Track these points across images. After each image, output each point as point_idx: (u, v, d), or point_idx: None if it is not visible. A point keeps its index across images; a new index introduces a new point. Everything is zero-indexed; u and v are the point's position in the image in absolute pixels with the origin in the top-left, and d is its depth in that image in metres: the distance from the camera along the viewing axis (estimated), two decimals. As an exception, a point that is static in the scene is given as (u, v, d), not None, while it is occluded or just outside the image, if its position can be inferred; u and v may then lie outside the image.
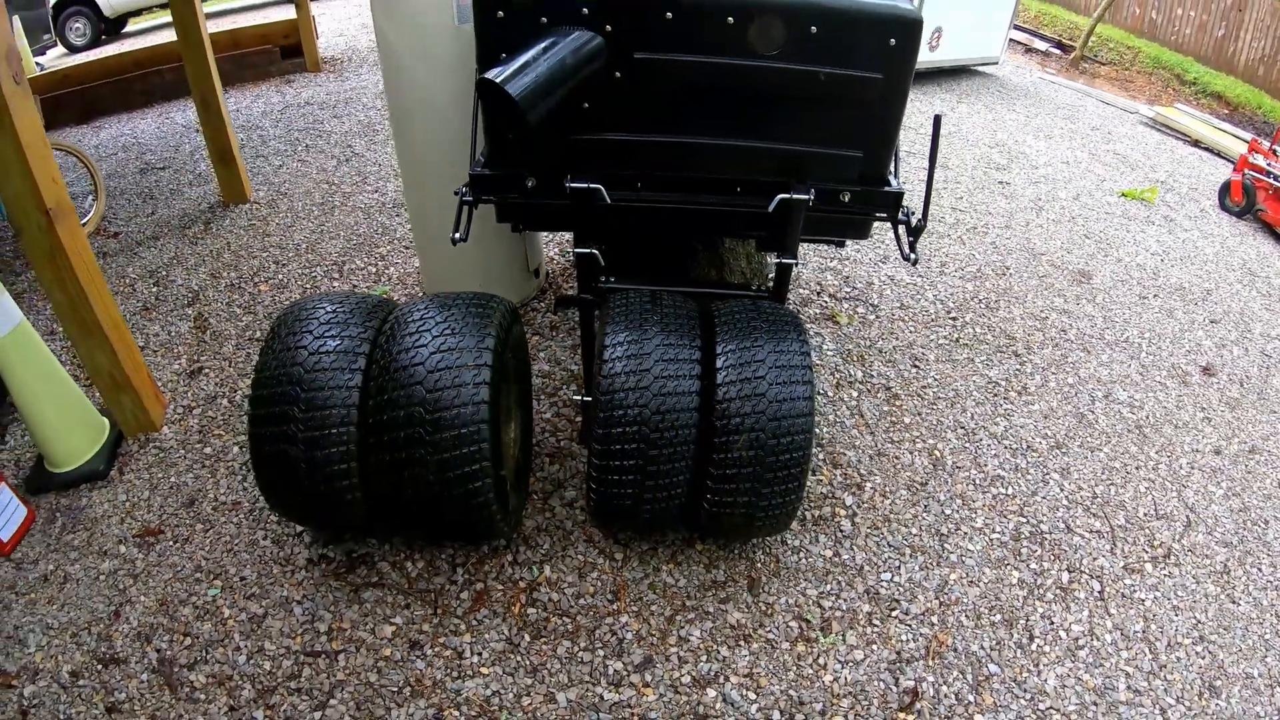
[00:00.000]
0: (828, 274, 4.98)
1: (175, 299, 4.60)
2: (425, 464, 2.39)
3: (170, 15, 13.10)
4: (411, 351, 2.42)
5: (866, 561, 3.04)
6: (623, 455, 2.42)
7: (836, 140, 2.70)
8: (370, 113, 7.49)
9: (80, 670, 2.62)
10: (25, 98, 2.87)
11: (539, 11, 2.45)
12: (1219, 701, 2.74)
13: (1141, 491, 3.57)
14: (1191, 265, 5.85)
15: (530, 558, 2.95)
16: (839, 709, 2.54)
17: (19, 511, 3.12)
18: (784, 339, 2.53)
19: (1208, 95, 12.23)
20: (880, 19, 2.51)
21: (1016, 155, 7.53)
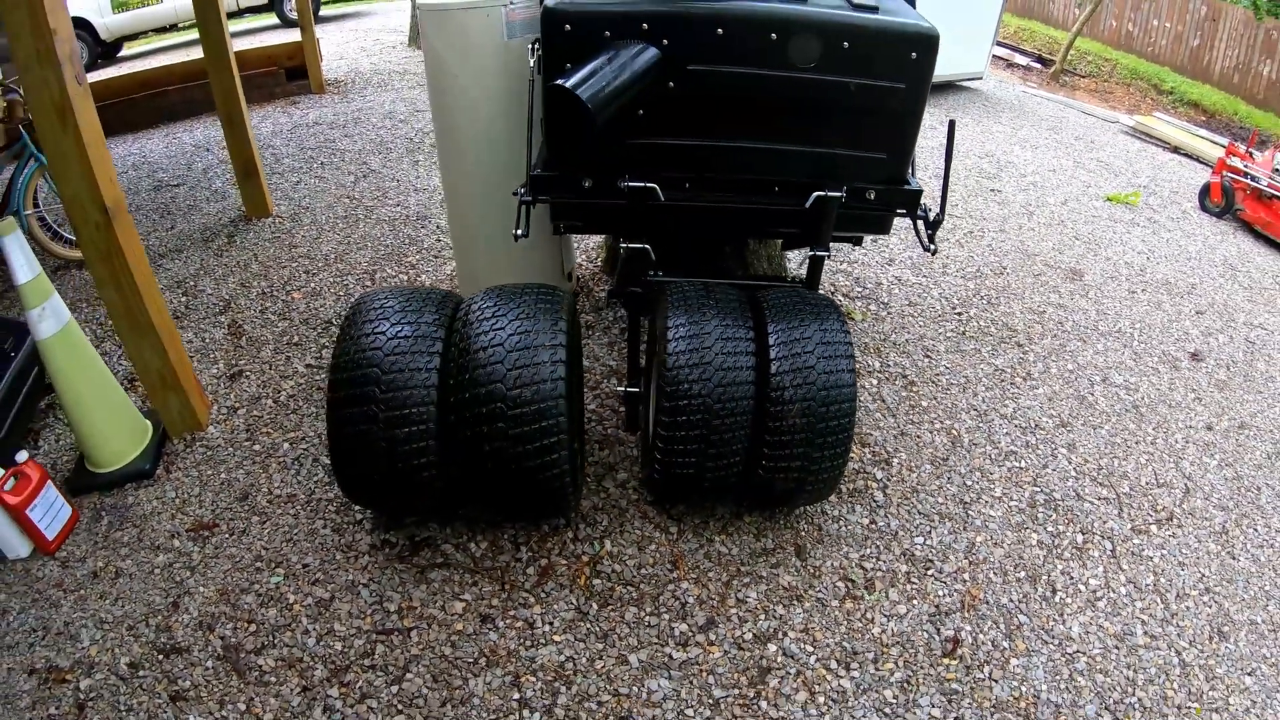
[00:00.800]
0: (839, 275, 5.24)
1: (206, 308, 4.76)
2: (506, 436, 2.59)
3: (166, 40, 13.22)
4: (491, 335, 2.62)
5: (900, 527, 3.27)
6: (688, 426, 2.65)
7: (864, 143, 2.96)
8: (381, 131, 7.69)
9: (139, 661, 2.69)
10: (86, 98, 2.98)
11: (602, 27, 2.70)
12: (1228, 644, 2.97)
13: (1142, 463, 3.83)
14: (1176, 262, 6.15)
15: (590, 534, 3.16)
16: (889, 656, 2.76)
17: (64, 511, 3.19)
18: (827, 320, 2.78)
19: (1185, 104, 12.65)
20: (903, 35, 2.78)
21: (1005, 164, 7.85)
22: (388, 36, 12.09)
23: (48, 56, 2.80)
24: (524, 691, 2.60)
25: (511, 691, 2.60)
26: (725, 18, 2.70)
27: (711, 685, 2.62)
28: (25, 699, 2.61)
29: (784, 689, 2.62)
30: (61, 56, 2.82)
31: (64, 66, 2.84)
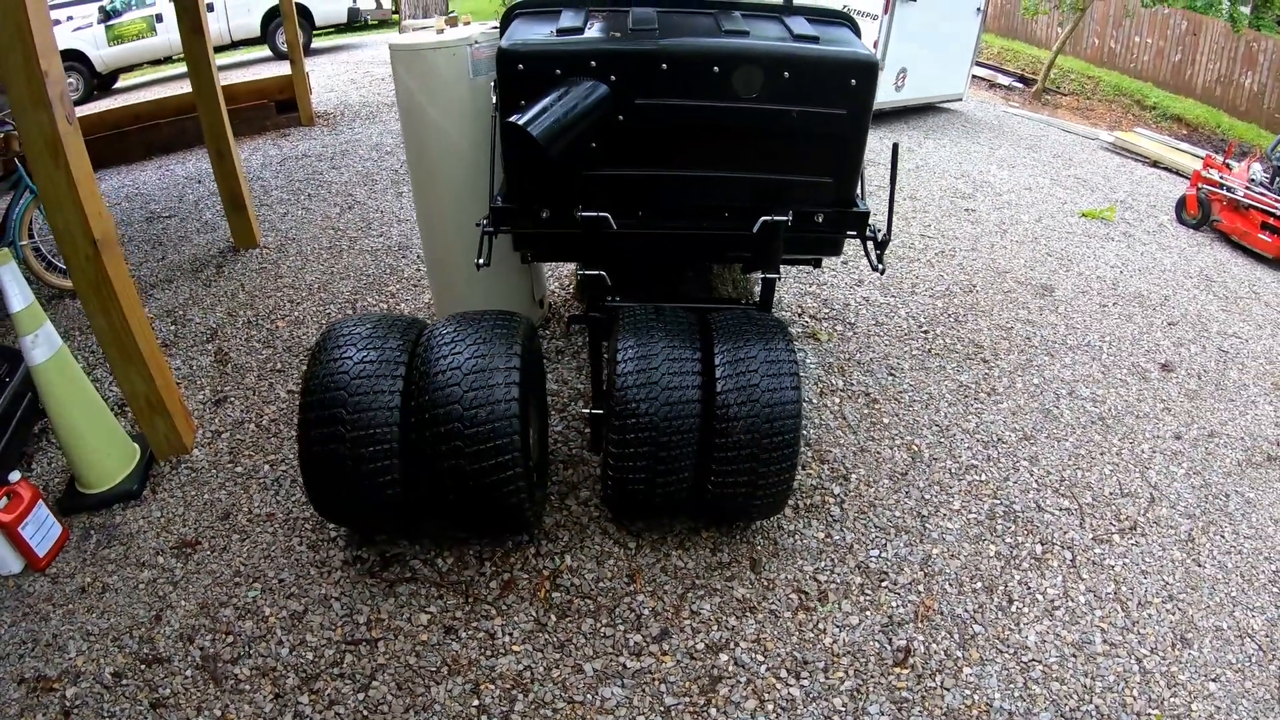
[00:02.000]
0: (807, 298, 5.35)
1: (194, 336, 4.89)
2: (463, 455, 2.70)
3: (160, 72, 13.38)
4: (449, 359, 2.75)
5: (856, 541, 3.36)
6: (637, 444, 2.76)
7: (810, 169, 3.08)
8: (367, 164, 7.84)
9: (123, 671, 2.81)
10: (76, 136, 3.10)
11: (554, 66, 2.84)
12: (1191, 651, 3.03)
13: (1107, 474, 3.91)
14: (1150, 275, 6.25)
15: (552, 549, 3.26)
16: (839, 665, 2.84)
17: (54, 529, 3.31)
18: (772, 341, 2.88)
19: (1168, 118, 12.78)
20: (841, 63, 2.91)
21: (981, 184, 7.96)
22: (377, 69, 12.28)
23: (40, 98, 2.93)
24: (483, 699, 2.69)
25: (471, 699, 2.69)
26: (670, 54, 2.83)
27: (663, 693, 2.71)
28: (14, 706, 2.73)
29: (734, 697, 2.70)
30: (53, 97, 2.95)
31: (55, 107, 2.96)
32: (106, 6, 13.27)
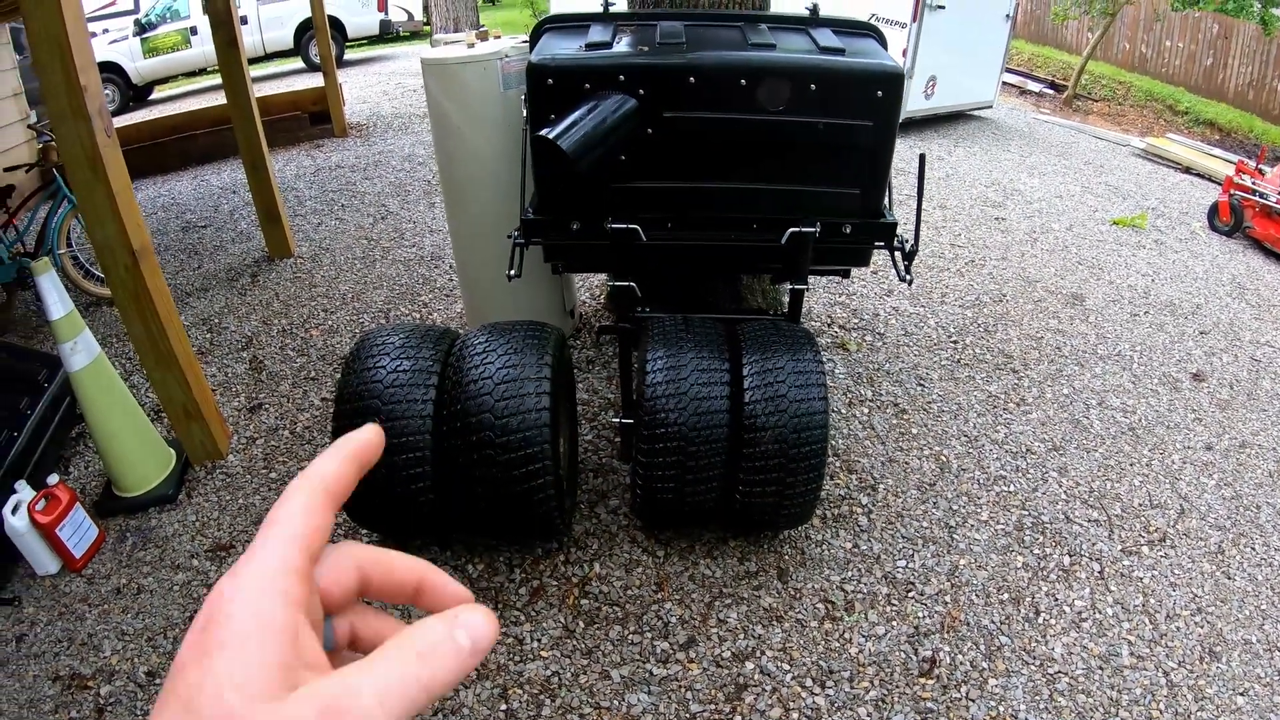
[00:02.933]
0: (837, 308, 5.36)
1: (229, 344, 5.00)
2: (495, 463, 2.74)
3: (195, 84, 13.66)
4: (481, 368, 2.80)
5: (883, 551, 3.37)
6: (666, 453, 2.79)
7: (837, 180, 3.09)
8: (400, 174, 7.94)
9: (157, 670, 2.89)
10: (115, 149, 3.20)
11: (583, 80, 2.88)
12: (1219, 665, 3.00)
13: (1136, 485, 3.88)
14: (1181, 283, 6.19)
15: (581, 557, 3.30)
16: (865, 675, 2.85)
17: (91, 531, 3.42)
18: (800, 351, 2.91)
19: (1200, 124, 12.64)
20: (868, 74, 2.93)
21: (1011, 192, 7.92)
22: (409, 80, 12.43)
23: (79, 111, 3.01)
24: (511, 703, 2.73)
25: (499, 703, 2.73)
26: (698, 67, 2.86)
27: (689, 700, 2.73)
28: (49, 703, 2.81)
29: (759, 705, 2.72)
30: (91, 111, 3.03)
31: (94, 120, 3.04)
32: (142, 19, 13.55)
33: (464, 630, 0.40)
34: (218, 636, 0.38)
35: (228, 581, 0.41)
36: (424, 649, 0.40)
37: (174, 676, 0.38)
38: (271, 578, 0.40)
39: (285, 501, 0.44)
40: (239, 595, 0.40)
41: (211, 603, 0.40)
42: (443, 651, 0.40)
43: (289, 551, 0.42)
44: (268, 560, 0.41)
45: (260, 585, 0.40)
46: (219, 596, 0.40)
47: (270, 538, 0.42)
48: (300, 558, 0.42)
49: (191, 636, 0.39)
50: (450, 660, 0.40)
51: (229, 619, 0.39)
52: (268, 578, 0.40)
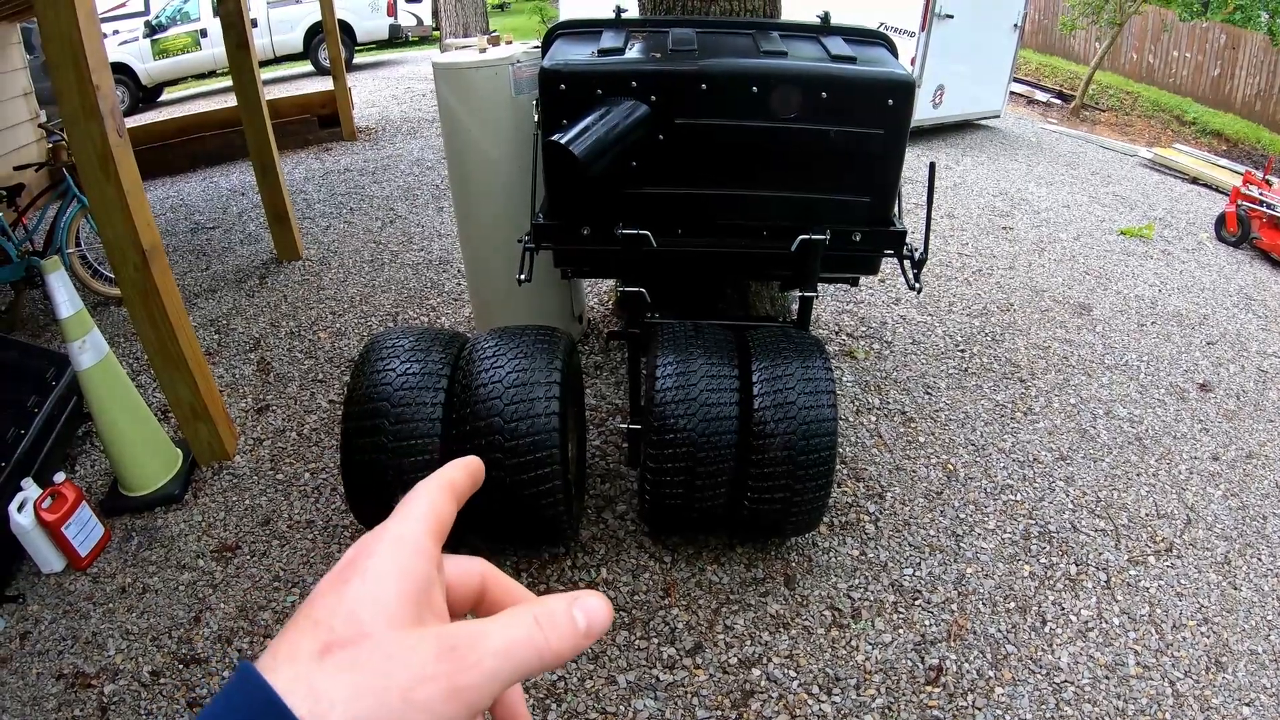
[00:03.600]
0: (845, 316, 5.37)
1: (237, 345, 5.01)
2: (503, 467, 2.75)
3: (204, 86, 13.73)
4: (491, 372, 2.81)
5: (890, 559, 3.37)
6: (674, 459, 2.79)
7: (847, 188, 3.10)
8: (408, 178, 7.96)
9: (161, 670, 2.90)
10: (126, 149, 3.22)
11: (595, 85, 2.89)
12: (1226, 675, 2.99)
13: (1143, 495, 3.88)
14: (1188, 294, 6.19)
15: (588, 562, 3.30)
16: (871, 683, 2.85)
17: (96, 530, 3.43)
18: (809, 359, 2.91)
19: (1207, 134, 12.64)
20: (879, 83, 2.94)
21: (1019, 202, 7.93)
22: (418, 85, 12.47)
23: (91, 111, 3.03)
24: (517, 709, 2.73)
25: (506, 709, 2.73)
26: (709, 74, 2.88)
27: (695, 706, 2.73)
28: (52, 701, 2.82)
29: (766, 711, 2.72)
30: (104, 110, 3.05)
31: (106, 120, 3.06)
32: (152, 21, 13.61)
33: (582, 611, 0.43)
34: (359, 567, 0.42)
35: (371, 534, 0.44)
36: (543, 618, 0.42)
37: (309, 602, 0.41)
38: (410, 535, 0.44)
39: (417, 491, 0.48)
40: (382, 542, 0.43)
41: (355, 548, 0.43)
42: (561, 624, 0.42)
43: (424, 524, 0.45)
44: (407, 524, 0.45)
45: (400, 537, 0.44)
46: (362, 543, 0.44)
47: (407, 512, 0.46)
48: (434, 529, 0.46)
49: (331, 574, 0.42)
50: (566, 634, 0.42)
51: (370, 557, 0.42)
52: (407, 536, 0.44)
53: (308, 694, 0.36)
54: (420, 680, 0.37)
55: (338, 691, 0.36)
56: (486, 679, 0.39)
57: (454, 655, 0.39)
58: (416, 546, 0.44)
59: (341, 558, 0.43)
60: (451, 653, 0.39)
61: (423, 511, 0.46)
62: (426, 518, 0.46)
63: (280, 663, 0.38)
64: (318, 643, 0.38)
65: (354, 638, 0.38)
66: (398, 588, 0.41)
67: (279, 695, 0.36)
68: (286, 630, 0.40)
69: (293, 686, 0.36)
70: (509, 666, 0.40)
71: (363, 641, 0.38)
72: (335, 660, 0.38)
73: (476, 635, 0.40)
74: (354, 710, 0.36)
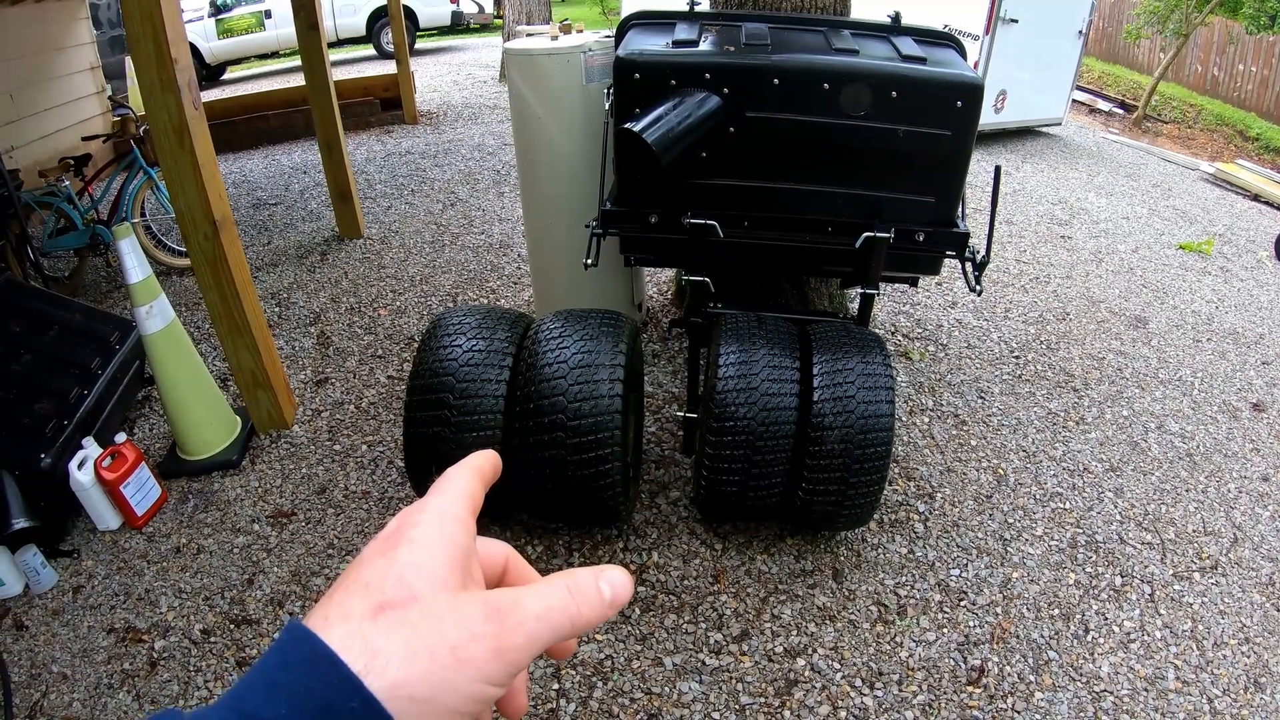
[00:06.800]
0: (901, 317, 5.37)
1: (298, 319, 5.13)
2: (564, 446, 2.81)
3: (267, 66, 13.97)
4: (557, 352, 2.87)
5: (938, 559, 3.38)
6: (733, 447, 2.84)
7: (912, 187, 3.12)
8: (469, 163, 8.05)
9: (212, 629, 3.01)
10: (201, 122, 3.32)
11: (669, 76, 2.94)
12: (1264, 696, 2.96)
13: (1191, 511, 3.84)
14: (1246, 312, 6.09)
15: (640, 545, 3.36)
16: (914, 679, 2.88)
17: (154, 490, 3.55)
18: (869, 355, 2.94)
19: (1271, 150, 12.37)
20: (949, 84, 2.96)
21: (1078, 211, 7.84)
22: (479, 71, 12.58)
23: (169, 84, 3.13)
24: (563, 683, 2.80)
25: (552, 682, 2.80)
26: (782, 69, 2.91)
27: (739, 692, 2.78)
28: (102, 654, 2.94)
29: (808, 701, 2.76)
30: (181, 84, 3.15)
31: (183, 93, 3.17)
32: (218, 1, 13.84)
33: (607, 583, 0.47)
34: (406, 535, 0.45)
35: (413, 507, 0.49)
36: (574, 588, 0.46)
37: (356, 567, 0.44)
38: (450, 508, 0.48)
39: (450, 474, 0.52)
40: (426, 513, 0.47)
41: (398, 519, 0.47)
42: (589, 593, 0.46)
43: (462, 500, 0.50)
44: (446, 499, 0.49)
45: (442, 510, 0.48)
46: (406, 514, 0.48)
47: (446, 489, 0.50)
48: (469, 504, 0.50)
49: (376, 542, 0.46)
50: (594, 602, 0.46)
51: (416, 527, 0.46)
52: (449, 509, 0.48)
53: (363, 649, 0.39)
54: (470, 639, 0.41)
55: (392, 647, 0.40)
56: (528, 640, 0.43)
57: (499, 616, 0.43)
58: (458, 518, 0.48)
59: (385, 528, 0.47)
60: (497, 614, 0.43)
61: (460, 490, 0.51)
62: (464, 495, 0.50)
63: (333, 622, 0.41)
64: (370, 603, 0.41)
65: (405, 599, 0.42)
66: (444, 554, 0.45)
67: (334, 650, 0.39)
68: (334, 593, 0.43)
69: (347, 644, 0.39)
70: (547, 630, 0.44)
71: (413, 603, 0.42)
72: (387, 619, 0.41)
73: (518, 600, 0.44)
74: (408, 664, 0.39)
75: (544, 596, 0.45)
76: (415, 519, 0.47)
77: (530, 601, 0.44)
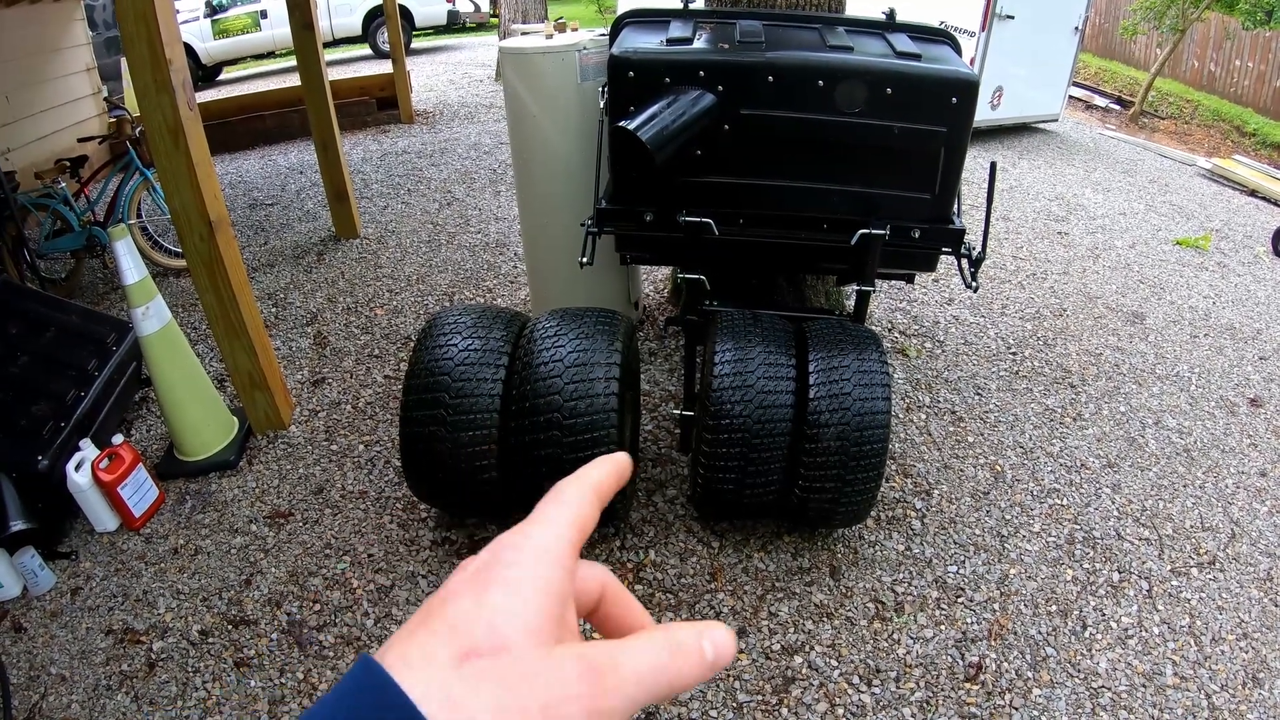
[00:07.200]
0: (898, 314, 5.37)
1: (294, 319, 5.13)
2: (560, 444, 2.82)
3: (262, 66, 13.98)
4: (552, 351, 2.87)
5: (935, 555, 3.38)
6: (729, 444, 2.84)
7: (908, 184, 3.12)
8: (465, 162, 8.05)
9: (210, 629, 3.01)
10: (196, 122, 3.32)
11: (663, 74, 2.94)
12: (1262, 691, 2.96)
13: (1188, 506, 3.84)
14: (1243, 307, 6.09)
15: (637, 543, 3.35)
16: (911, 676, 2.88)
17: (151, 492, 3.55)
18: (866, 352, 2.94)
19: (1268, 146, 12.35)
20: (943, 81, 2.95)
21: (1075, 207, 7.84)
22: (476, 71, 12.58)
23: (164, 85, 3.13)
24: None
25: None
26: (776, 66, 2.91)
27: (737, 690, 2.77)
28: (100, 655, 2.94)
29: (805, 699, 2.76)
30: (176, 85, 3.15)
31: (178, 93, 3.16)
32: (213, 1, 13.83)
33: (710, 643, 0.43)
34: (500, 575, 0.42)
35: (512, 537, 0.45)
36: (675, 646, 0.42)
37: (441, 603, 0.41)
38: (553, 546, 0.44)
39: (563, 492, 0.48)
40: (525, 549, 0.44)
41: (493, 550, 0.44)
42: (690, 653, 0.42)
43: (568, 535, 0.45)
44: (550, 530, 0.45)
45: (544, 547, 0.44)
46: (502, 546, 0.44)
47: (551, 517, 0.46)
48: (576, 540, 0.46)
49: (464, 574, 0.43)
50: (694, 663, 0.42)
51: (512, 565, 0.42)
52: (550, 546, 0.44)
53: (445, 702, 0.36)
54: (563, 699, 0.38)
55: (478, 703, 0.36)
56: (624, 703, 0.39)
57: (596, 676, 0.39)
58: (559, 560, 0.44)
59: (477, 558, 0.44)
60: (594, 673, 0.39)
61: (568, 519, 0.46)
62: (571, 526, 0.46)
63: (413, 664, 0.37)
64: (455, 649, 0.38)
65: (495, 649, 0.38)
66: (541, 602, 0.41)
67: (413, 700, 0.36)
68: (416, 629, 0.40)
69: (428, 692, 0.36)
70: (644, 692, 0.40)
71: (504, 654, 0.38)
72: (474, 669, 0.38)
73: (616, 659, 0.40)
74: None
75: (644, 656, 0.41)
76: (512, 556, 0.43)
77: (629, 661, 0.40)
